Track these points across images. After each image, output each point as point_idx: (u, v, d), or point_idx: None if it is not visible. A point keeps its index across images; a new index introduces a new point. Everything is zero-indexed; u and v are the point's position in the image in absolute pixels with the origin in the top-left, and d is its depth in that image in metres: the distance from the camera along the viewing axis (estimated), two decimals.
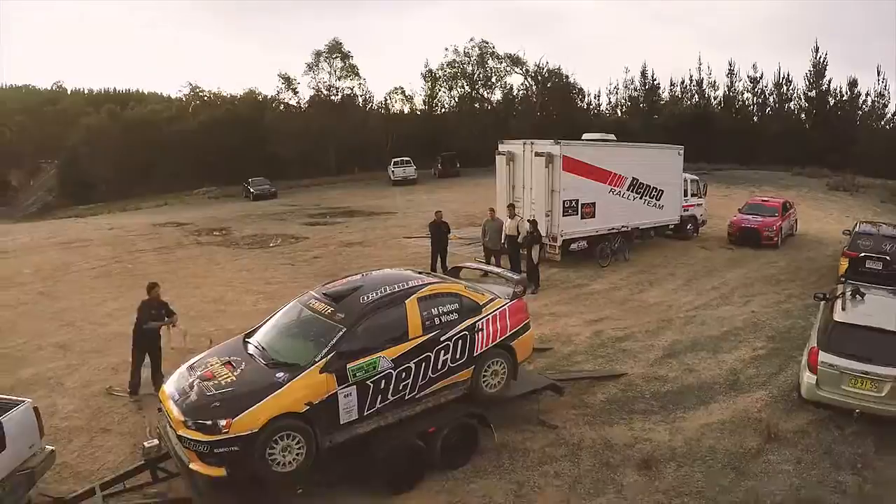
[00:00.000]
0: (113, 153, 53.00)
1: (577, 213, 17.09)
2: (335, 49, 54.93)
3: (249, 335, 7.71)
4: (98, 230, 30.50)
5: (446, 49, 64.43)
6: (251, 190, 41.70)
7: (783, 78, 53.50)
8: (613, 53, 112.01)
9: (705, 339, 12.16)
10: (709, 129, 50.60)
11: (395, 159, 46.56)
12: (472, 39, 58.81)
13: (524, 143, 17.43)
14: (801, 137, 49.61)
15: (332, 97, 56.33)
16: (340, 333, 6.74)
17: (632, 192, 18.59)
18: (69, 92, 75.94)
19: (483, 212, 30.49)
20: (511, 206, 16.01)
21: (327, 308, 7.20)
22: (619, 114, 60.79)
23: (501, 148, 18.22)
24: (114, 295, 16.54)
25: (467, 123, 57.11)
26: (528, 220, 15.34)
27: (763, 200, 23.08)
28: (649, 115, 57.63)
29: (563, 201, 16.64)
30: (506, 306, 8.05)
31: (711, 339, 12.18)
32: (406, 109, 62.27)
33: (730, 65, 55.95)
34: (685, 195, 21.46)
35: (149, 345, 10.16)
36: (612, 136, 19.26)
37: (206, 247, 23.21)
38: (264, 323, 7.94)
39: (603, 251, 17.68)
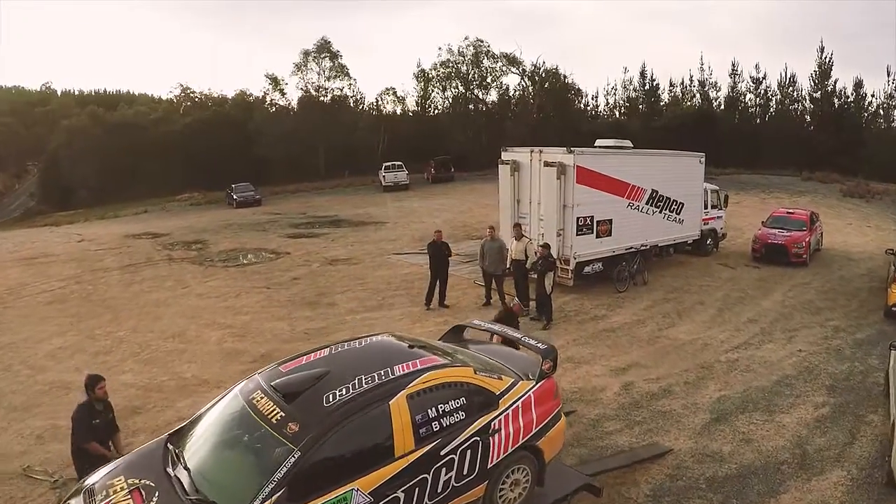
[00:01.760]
0: (94, 157, 50.87)
1: (593, 232, 15.00)
2: (324, 48, 52.80)
3: (175, 437, 5.53)
4: (68, 242, 28.36)
5: (440, 48, 62.46)
6: (234, 196, 39.48)
7: (788, 79, 51.73)
8: (610, 54, 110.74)
9: (756, 392, 10.10)
10: (712, 131, 48.66)
11: (386, 164, 44.45)
12: (466, 38, 56.79)
13: (531, 152, 15.31)
14: (808, 140, 47.82)
15: (322, 98, 54.08)
16: (293, 460, 4.54)
17: (651, 205, 16.54)
18: (59, 93, 74.07)
19: (481, 222, 28.61)
20: (518, 226, 13.90)
21: (276, 411, 4.95)
22: (618, 115, 58.91)
23: (505, 156, 16.09)
24: (63, 328, 14.40)
25: (461, 125, 55.05)
26: (541, 245, 13.20)
27: (788, 212, 21.07)
28: (649, 117, 55.73)
29: (577, 218, 14.55)
30: (530, 392, 5.88)
31: (763, 392, 10.12)
32: (398, 111, 60.28)
33: (733, 65, 54.11)
34: (704, 207, 19.47)
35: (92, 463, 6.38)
36: (628, 143, 17.15)
37: (177, 264, 21.00)
38: (196, 419, 5.73)
39: (620, 274, 15.60)
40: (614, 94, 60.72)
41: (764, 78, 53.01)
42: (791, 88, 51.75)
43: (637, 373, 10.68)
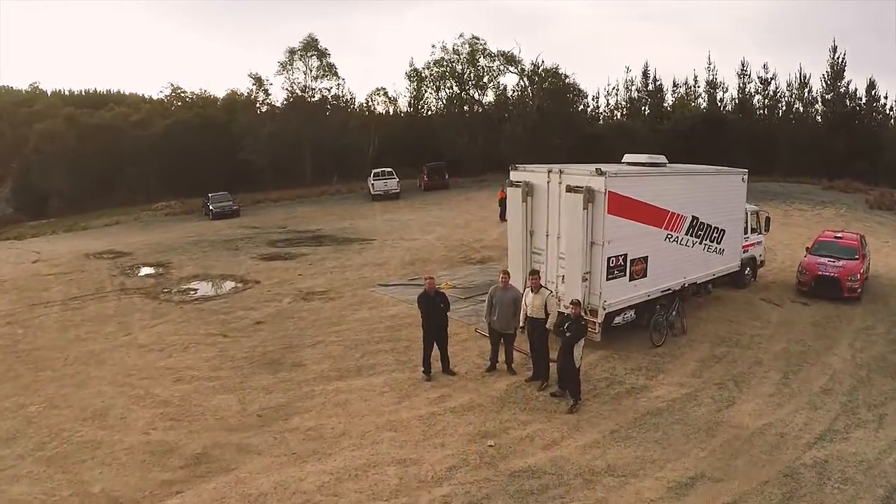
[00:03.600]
0: (67, 163, 48.12)
1: (625, 274, 12.02)
2: (310, 46, 49.64)
3: None
4: (21, 263, 25.46)
5: (433, 46, 59.37)
6: (211, 207, 36.39)
7: (801, 80, 48.97)
8: (608, 55, 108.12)
9: None
10: (723, 135, 45.97)
11: (375, 170, 41.48)
12: (461, 35, 53.75)
13: (549, 172, 12.26)
14: (822, 145, 45.10)
15: (309, 98, 50.97)
16: None
17: (691, 235, 13.63)
18: (49, 93, 71.18)
19: (479, 240, 25.56)
20: (535, 275, 10.80)
21: None
22: (619, 116, 56.17)
23: (515, 176, 12.99)
24: None
25: (456, 127, 52.08)
26: (572, 302, 10.15)
27: (836, 237, 18.22)
28: (654, 119, 53.02)
29: (608, 258, 11.58)
30: None
31: None
32: (390, 111, 57.19)
33: (742, 64, 51.38)
34: (744, 231, 16.62)
35: None
36: (662, 158, 14.10)
37: (127, 298, 18.00)
38: None
39: (657, 324, 12.66)
40: (615, 94, 58.11)
41: (773, 78, 50.42)
42: (805, 90, 49.06)
43: (704, 492, 7.76)
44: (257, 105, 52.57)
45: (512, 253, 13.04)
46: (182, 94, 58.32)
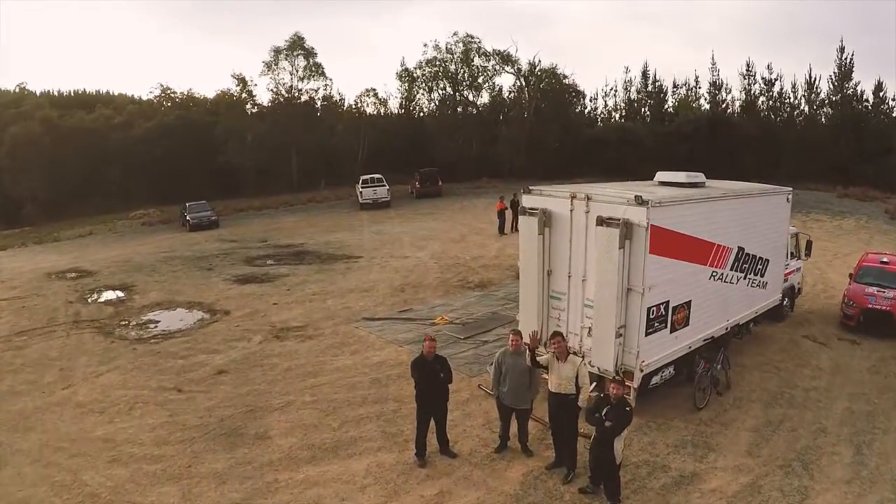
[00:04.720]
0: (42, 168, 45.58)
1: (667, 325, 9.78)
2: (296, 45, 47.29)
3: None
4: None
5: (425, 45, 57.17)
6: (188, 218, 33.95)
7: (810, 80, 47.04)
8: (605, 56, 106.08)
9: None
10: (728, 137, 44.00)
11: (364, 177, 39.28)
12: (455, 34, 51.57)
13: (572, 197, 9.91)
14: (830, 149, 43.19)
15: (295, 100, 48.59)
16: None
17: (735, 270, 11.48)
18: (38, 94, 68.52)
19: (478, 258, 23.29)
20: (559, 338, 8.37)
21: None
22: (618, 118, 54.12)
23: (529, 201, 10.62)
24: None
25: (449, 130, 49.86)
26: (613, 378, 7.92)
27: (882, 262, 16.07)
28: (655, 121, 50.97)
29: (649, 308, 9.35)
30: None
31: None
32: (381, 112, 54.86)
33: (748, 65, 49.38)
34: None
35: None
36: (700, 176, 11.75)
37: (79, 333, 15.71)
38: None
39: (702, 382, 10.47)
40: (614, 95, 56.03)
41: (777, 79, 48.50)
42: (812, 92, 47.14)
43: None
44: (246, 106, 50.22)
45: (524, 297, 10.68)
46: (171, 95, 55.95)
